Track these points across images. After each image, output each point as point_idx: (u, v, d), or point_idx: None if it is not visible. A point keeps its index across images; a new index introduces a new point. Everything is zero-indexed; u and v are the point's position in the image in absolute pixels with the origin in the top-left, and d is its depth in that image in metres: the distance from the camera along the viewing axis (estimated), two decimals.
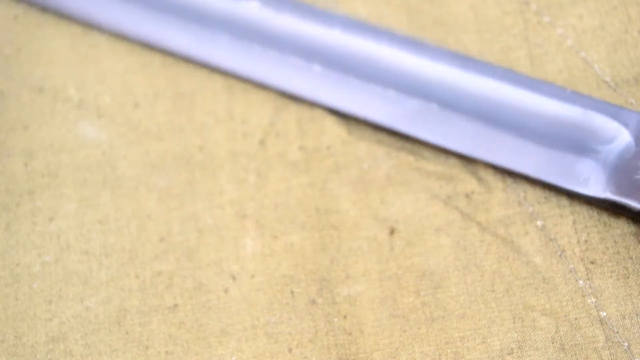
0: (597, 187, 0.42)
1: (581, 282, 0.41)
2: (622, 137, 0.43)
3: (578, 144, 0.44)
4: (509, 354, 0.40)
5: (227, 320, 0.43)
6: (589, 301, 0.41)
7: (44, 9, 0.49)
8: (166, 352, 0.42)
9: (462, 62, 0.46)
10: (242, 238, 0.44)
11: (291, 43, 0.48)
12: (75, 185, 0.46)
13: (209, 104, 0.48)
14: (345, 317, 0.42)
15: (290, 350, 0.41)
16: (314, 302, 0.43)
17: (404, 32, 0.49)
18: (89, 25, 0.50)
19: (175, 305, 0.42)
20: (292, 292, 0.43)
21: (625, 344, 0.40)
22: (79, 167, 0.46)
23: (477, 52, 0.48)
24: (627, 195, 0.41)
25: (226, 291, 0.43)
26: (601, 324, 0.40)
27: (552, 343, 0.40)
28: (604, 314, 0.41)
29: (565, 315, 0.41)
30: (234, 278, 0.43)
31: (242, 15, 0.48)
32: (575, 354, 0.40)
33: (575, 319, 0.41)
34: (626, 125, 0.43)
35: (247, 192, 0.44)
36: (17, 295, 0.44)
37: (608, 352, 0.40)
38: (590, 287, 0.41)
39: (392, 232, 0.44)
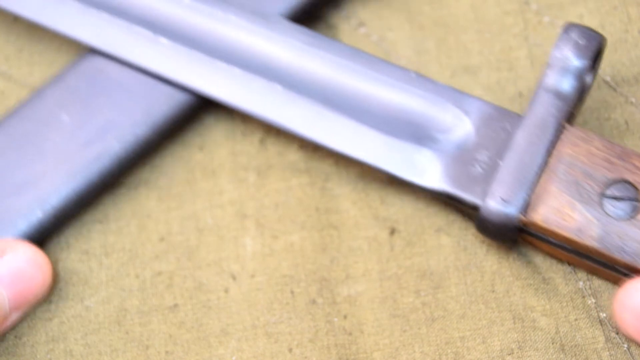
0: (433, 178, 0.42)
1: (581, 283, 0.41)
2: (463, 126, 0.42)
3: (417, 131, 0.43)
4: (509, 354, 0.40)
5: (227, 320, 0.43)
6: (589, 302, 0.41)
7: None
8: (166, 352, 0.42)
9: (306, 39, 0.45)
10: (242, 238, 0.44)
11: (138, 11, 0.46)
12: None
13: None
14: (345, 317, 0.42)
15: (290, 350, 0.41)
16: (314, 302, 0.43)
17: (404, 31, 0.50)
18: None
19: (175, 305, 0.42)
20: (292, 292, 0.43)
21: (625, 345, 0.40)
22: None
23: (477, 52, 0.48)
24: (463, 189, 0.41)
25: (226, 291, 0.43)
26: (601, 324, 0.40)
27: (552, 344, 0.40)
28: (604, 314, 0.40)
29: (565, 316, 0.41)
30: (234, 278, 0.43)
31: None
32: (576, 355, 0.40)
33: (576, 319, 0.41)
34: (467, 112, 0.42)
35: (247, 192, 0.44)
36: None
37: (608, 353, 0.40)
38: (590, 288, 0.41)
39: (392, 232, 0.44)
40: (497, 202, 0.39)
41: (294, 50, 0.44)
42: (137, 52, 0.45)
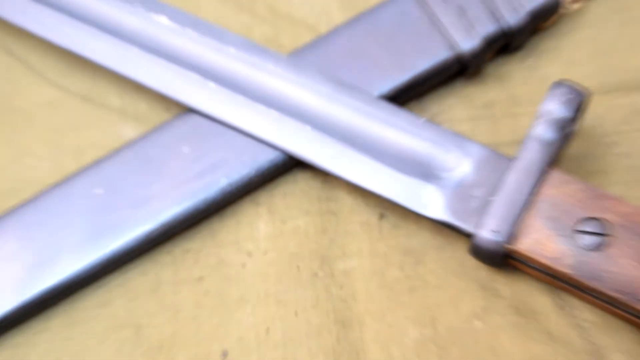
0: (435, 210, 0.43)
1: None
2: (463, 166, 0.44)
3: (424, 170, 0.44)
4: (475, 317, 0.44)
5: (244, 290, 0.45)
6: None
7: None
8: (194, 316, 0.45)
9: (334, 87, 0.46)
10: (256, 222, 0.47)
11: (191, 60, 0.47)
12: None
13: None
14: (341, 287, 0.45)
15: (296, 314, 0.44)
16: (315, 275, 0.45)
17: None
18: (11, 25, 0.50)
19: (201, 277, 0.45)
20: (297, 267, 0.46)
21: (567, 309, 0.44)
22: None
23: None
24: (461, 220, 0.43)
25: (243, 266, 0.46)
26: (551, 292, 0.44)
27: (510, 308, 0.44)
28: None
29: (522, 286, 0.45)
30: (249, 255, 0.46)
31: (152, 30, 0.48)
32: (528, 317, 0.44)
33: (529, 288, 0.44)
34: (467, 155, 0.43)
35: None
36: None
37: (556, 314, 0.44)
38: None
39: (381, 217, 0.47)
40: (488, 233, 0.41)
41: (323, 97, 0.46)
42: (188, 93, 0.47)
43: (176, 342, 0.44)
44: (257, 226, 0.47)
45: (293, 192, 0.48)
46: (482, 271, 0.45)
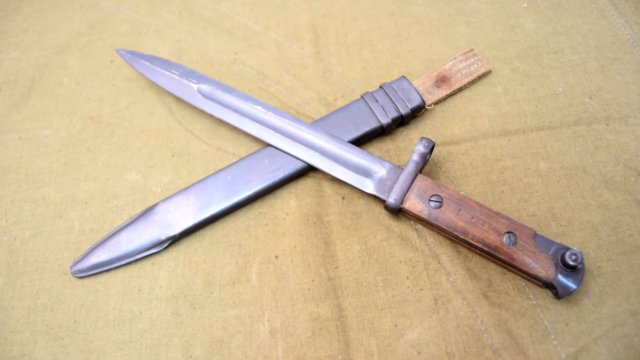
0: (370, 189, 0.63)
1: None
2: (382, 171, 0.63)
3: (365, 172, 0.63)
4: (383, 240, 0.65)
5: (285, 229, 0.69)
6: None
7: None
8: (263, 240, 0.68)
9: (329, 137, 0.64)
10: (289, 199, 0.71)
11: (270, 124, 0.68)
12: None
13: None
14: (326, 228, 0.69)
15: (307, 239, 0.67)
16: (315, 222, 0.69)
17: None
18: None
19: (267, 224, 0.69)
20: (307, 219, 0.70)
21: (422, 235, 0.64)
22: None
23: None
24: (381, 194, 0.62)
25: (284, 219, 0.70)
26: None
27: (398, 236, 0.67)
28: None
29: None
30: (287, 214, 0.70)
31: (254, 111, 0.70)
32: (404, 239, 0.66)
33: (406, 226, 0.67)
34: (383, 167, 0.63)
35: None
36: None
37: (416, 237, 0.64)
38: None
39: (343, 198, 0.71)
40: (392, 200, 0.62)
41: (324, 141, 0.66)
42: (267, 137, 0.68)
43: (257, 249, 0.69)
44: (289, 201, 0.72)
45: (305, 186, 0.72)
46: (387, 219, 0.68)
